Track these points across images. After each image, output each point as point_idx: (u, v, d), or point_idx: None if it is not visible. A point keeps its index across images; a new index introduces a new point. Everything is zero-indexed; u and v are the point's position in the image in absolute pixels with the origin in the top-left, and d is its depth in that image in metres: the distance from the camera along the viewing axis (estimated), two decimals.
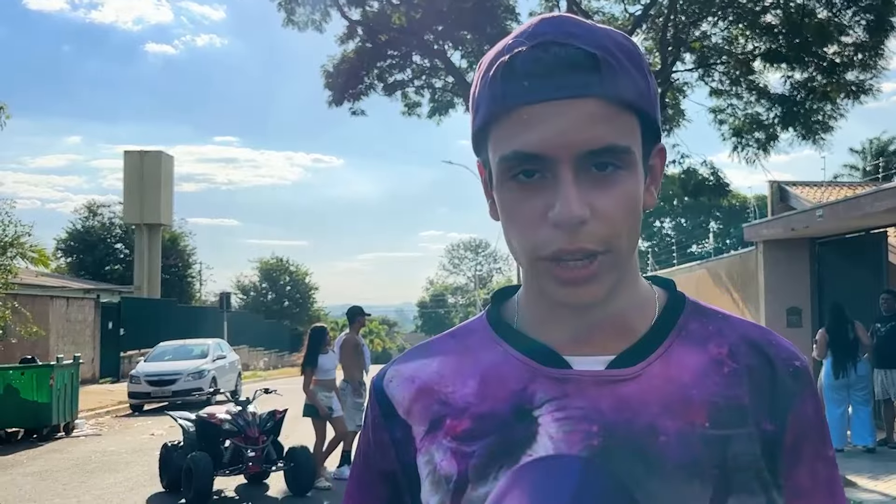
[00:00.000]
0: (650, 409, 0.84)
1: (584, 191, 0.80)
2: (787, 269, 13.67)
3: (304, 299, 58.78)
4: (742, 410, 0.86)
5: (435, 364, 0.94)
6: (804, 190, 17.12)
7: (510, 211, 0.85)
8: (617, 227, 0.82)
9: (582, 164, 0.80)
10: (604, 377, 0.86)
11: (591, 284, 0.83)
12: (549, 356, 0.88)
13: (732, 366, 0.88)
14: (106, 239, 43.67)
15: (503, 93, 0.82)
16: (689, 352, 0.88)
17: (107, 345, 25.72)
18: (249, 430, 8.11)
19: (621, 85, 0.82)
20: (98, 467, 10.27)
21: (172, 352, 20.09)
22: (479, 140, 0.90)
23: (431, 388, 0.92)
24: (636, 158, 0.84)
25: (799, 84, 14.73)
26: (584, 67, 0.80)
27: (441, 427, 0.90)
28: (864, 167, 35.10)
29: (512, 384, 0.88)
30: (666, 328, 0.90)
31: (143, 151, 37.15)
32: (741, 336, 0.91)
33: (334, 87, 17.96)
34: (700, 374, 0.87)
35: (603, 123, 0.80)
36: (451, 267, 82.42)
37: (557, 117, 0.80)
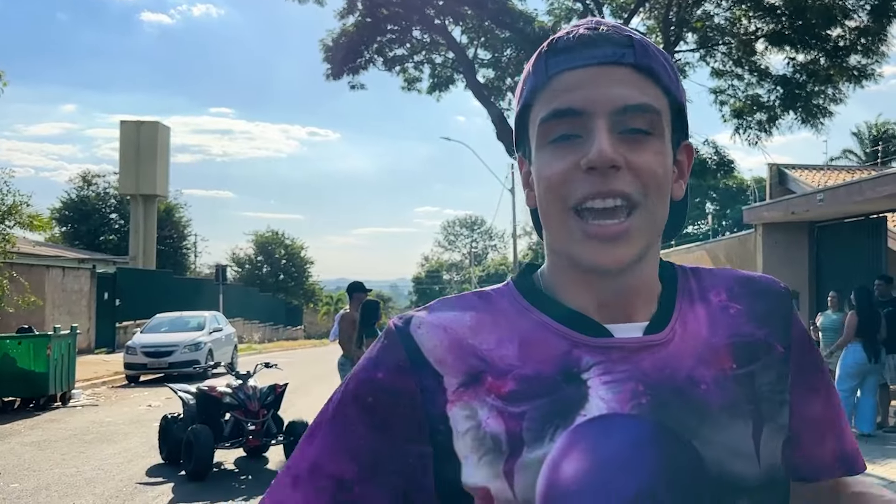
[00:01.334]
0: (686, 363, 0.90)
1: (616, 143, 0.85)
2: (786, 252, 13.71)
3: (299, 273, 58.76)
4: (756, 345, 0.95)
5: (468, 318, 0.93)
6: (803, 173, 17.13)
7: (545, 168, 0.89)
8: (650, 181, 0.86)
9: (616, 122, 0.86)
10: (644, 343, 0.90)
11: (622, 244, 0.86)
12: (588, 325, 0.91)
13: (736, 307, 0.97)
14: (101, 209, 43.52)
15: (545, 66, 0.90)
16: (698, 308, 0.96)
17: (102, 315, 25.71)
18: (250, 403, 8.15)
19: (654, 64, 0.89)
20: (96, 438, 10.30)
21: (169, 323, 20.09)
22: (521, 125, 0.95)
23: (467, 342, 0.91)
24: (665, 129, 0.89)
25: (801, 66, 14.69)
26: (621, 43, 0.89)
27: (482, 383, 0.88)
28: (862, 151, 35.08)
29: (554, 350, 0.90)
30: (674, 291, 0.97)
31: (140, 122, 36.91)
32: (730, 280, 1.00)
33: (333, 60, 17.84)
34: (713, 322, 0.95)
35: (636, 87, 0.87)
36: (447, 243, 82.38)
37: (593, 79, 0.87)
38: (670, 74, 0.92)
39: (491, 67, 18.33)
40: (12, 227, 15.73)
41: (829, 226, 13.42)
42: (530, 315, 0.93)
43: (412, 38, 18.39)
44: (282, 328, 47.01)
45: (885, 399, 10.37)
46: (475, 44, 18.03)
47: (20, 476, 8.01)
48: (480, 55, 18.22)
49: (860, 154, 35.11)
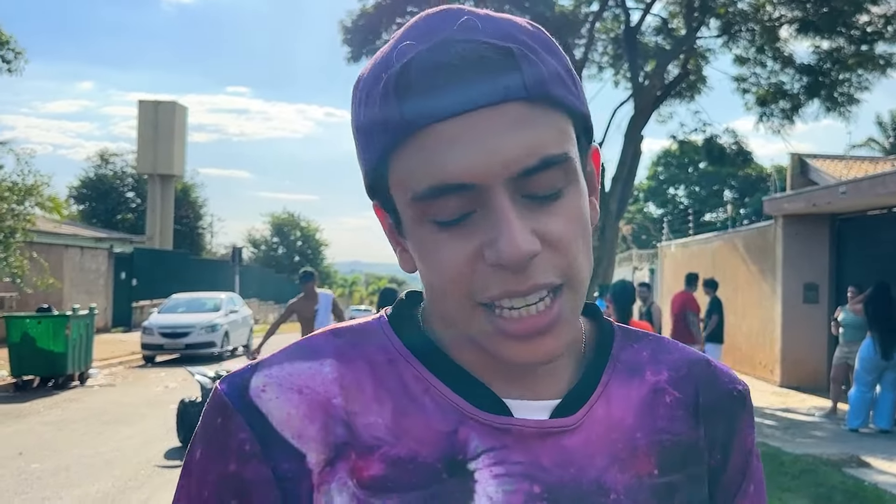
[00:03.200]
0: (596, 463, 0.72)
1: (526, 219, 0.65)
2: (806, 244, 13.58)
3: (314, 255, 58.97)
4: (689, 448, 0.77)
5: (327, 370, 0.72)
6: (825, 163, 16.94)
7: (432, 257, 0.67)
8: (573, 254, 0.67)
9: (518, 189, 0.65)
10: (548, 428, 0.71)
11: (551, 336, 0.67)
12: (484, 397, 0.72)
13: (675, 394, 0.78)
14: (118, 188, 43.72)
15: (401, 113, 0.65)
16: (627, 385, 0.77)
17: (119, 294, 25.90)
18: None
19: (547, 81, 0.66)
20: (114, 419, 10.39)
21: (185, 304, 20.19)
22: (373, 174, 0.71)
23: (330, 402, 0.70)
24: (576, 166, 0.68)
25: (826, 54, 14.51)
26: (500, 67, 0.64)
27: (345, 459, 0.69)
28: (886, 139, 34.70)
29: (438, 423, 0.70)
30: (601, 362, 0.77)
31: (158, 102, 37.00)
32: (678, 359, 0.81)
33: (352, 43, 17.79)
34: (642, 410, 0.76)
35: (533, 130, 0.64)
36: None
37: (477, 133, 0.63)
38: (569, 85, 0.68)
39: None
40: (33, 208, 15.84)
41: (852, 218, 13.27)
42: (409, 368, 0.72)
43: None
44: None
45: None
46: None
47: (40, 456, 8.08)
48: None
49: (884, 143, 34.73)
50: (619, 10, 16.18)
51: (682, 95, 16.77)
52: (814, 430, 10.20)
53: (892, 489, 6.96)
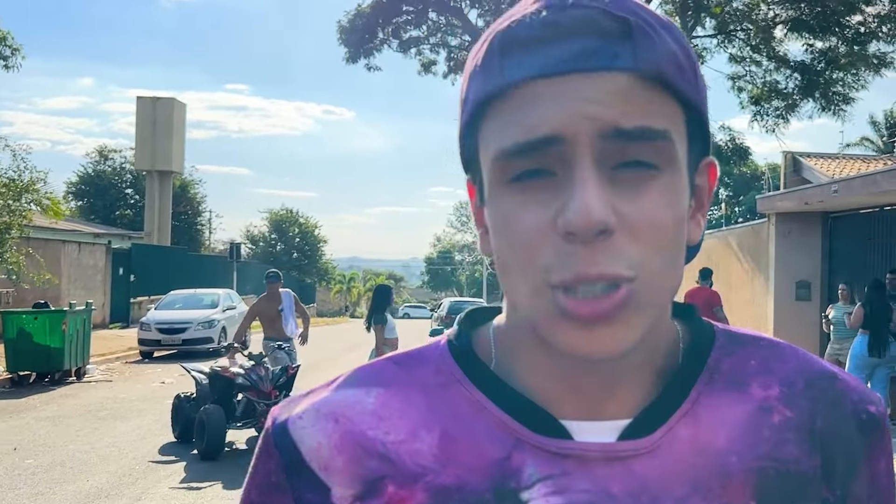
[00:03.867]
0: (675, 492, 0.63)
1: (608, 191, 0.58)
2: (799, 242, 13.67)
3: (312, 252, 59.00)
4: (799, 479, 0.65)
5: (371, 400, 0.68)
6: (818, 162, 17.02)
7: (507, 222, 0.61)
8: (652, 247, 0.59)
9: (607, 152, 0.58)
10: (615, 452, 0.64)
11: (614, 326, 0.58)
12: (540, 419, 0.65)
13: (786, 413, 0.67)
14: (117, 184, 43.76)
15: (500, 68, 0.61)
16: (724, 401, 0.67)
17: (117, 290, 25.97)
18: (262, 384, 8.25)
19: (663, 61, 0.60)
20: (110, 414, 10.46)
21: (183, 300, 20.26)
22: (468, 144, 0.67)
23: (365, 434, 0.66)
24: (677, 155, 0.61)
25: (820, 53, 14.58)
26: (613, 34, 0.59)
27: (380, 494, 0.65)
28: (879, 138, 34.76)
29: (489, 449, 0.65)
30: (692, 373, 0.67)
31: (156, 98, 37.07)
32: (795, 370, 0.69)
33: (350, 43, 17.86)
34: (741, 431, 0.66)
35: (636, 101, 0.59)
36: (459, 224, 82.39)
37: (575, 94, 0.58)
38: (687, 72, 0.62)
39: None
40: (29, 204, 15.90)
41: (844, 216, 13.36)
42: (462, 391, 0.67)
43: (428, 19, 18.36)
44: None
45: (895, 393, 10.38)
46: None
47: (35, 452, 8.16)
48: None
49: (877, 142, 34.79)
50: None
51: None
52: None
53: None
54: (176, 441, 8.62)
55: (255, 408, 8.24)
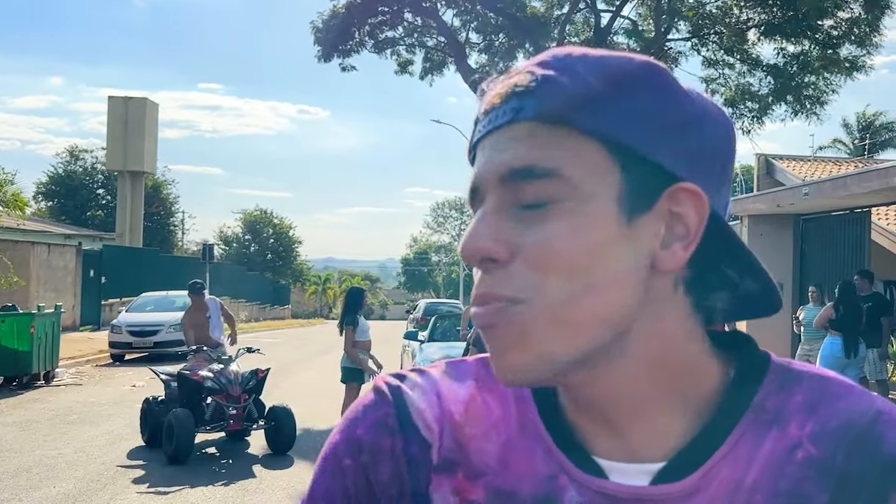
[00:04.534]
0: None
1: (506, 226, 0.63)
2: (771, 243, 13.78)
3: (287, 252, 58.70)
4: None
5: (462, 392, 0.74)
6: (790, 164, 17.19)
7: None
8: (547, 272, 0.61)
9: (507, 197, 0.63)
10: (648, 496, 0.64)
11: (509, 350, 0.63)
12: (579, 454, 0.68)
13: (809, 450, 0.65)
14: (88, 184, 43.27)
15: (473, 134, 0.70)
16: (763, 439, 0.66)
17: (88, 292, 25.63)
18: (231, 388, 8.18)
19: (564, 102, 0.63)
20: (79, 419, 10.30)
21: (155, 302, 20.04)
22: None
23: (454, 418, 0.73)
24: (580, 188, 0.62)
25: (792, 57, 14.73)
26: (523, 91, 0.64)
27: (451, 475, 0.71)
28: (851, 141, 35.21)
29: (539, 466, 0.69)
30: (736, 412, 0.66)
31: (128, 97, 36.65)
32: (837, 410, 0.66)
33: (324, 42, 17.74)
34: (769, 467, 0.65)
35: (532, 145, 0.63)
36: (436, 225, 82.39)
37: (488, 147, 0.66)
38: (606, 107, 0.63)
39: (483, 52, 18.27)
40: None
41: (815, 218, 13.50)
42: (526, 407, 0.72)
43: (403, 20, 18.29)
44: (269, 307, 46.96)
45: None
46: (467, 28, 17.95)
47: (0, 457, 8.00)
48: (472, 39, 18.15)
49: (849, 144, 35.25)
50: (590, 13, 16.30)
51: None
52: None
53: None
54: (145, 445, 8.50)
55: (224, 411, 8.16)
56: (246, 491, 6.92)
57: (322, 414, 10.99)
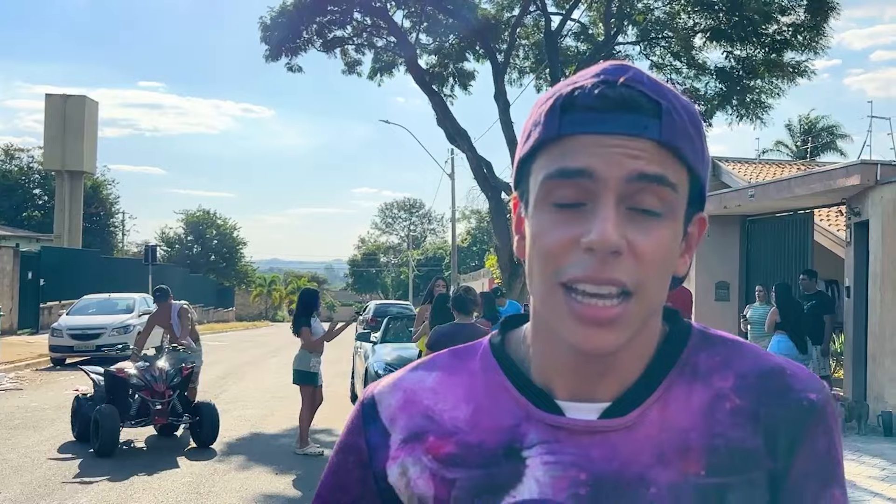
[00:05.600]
0: (641, 459, 0.81)
1: (622, 224, 0.77)
2: (719, 244, 14.05)
3: (231, 254, 57.80)
4: (745, 453, 0.81)
5: (430, 379, 0.92)
6: (736, 166, 17.56)
7: (542, 233, 0.80)
8: (651, 271, 0.78)
9: (627, 193, 0.78)
10: (594, 428, 0.82)
11: (611, 330, 0.78)
12: (542, 399, 0.85)
13: (736, 401, 0.83)
14: (24, 184, 42.03)
15: (559, 122, 0.80)
16: (690, 390, 0.84)
17: (26, 295, 24.86)
18: (156, 384, 8.49)
19: (679, 138, 0.79)
20: (22, 424, 9.98)
21: (96, 305, 19.54)
22: (522, 168, 0.86)
23: (420, 401, 0.90)
24: (679, 206, 0.81)
25: (738, 61, 15.04)
26: (647, 111, 0.78)
27: (422, 441, 0.88)
28: (794, 144, 36.13)
29: (505, 419, 0.86)
30: (666, 366, 0.85)
31: (66, 95, 35.63)
32: (750, 366, 0.85)
33: (271, 41, 17.52)
34: (701, 414, 0.83)
35: (655, 160, 0.78)
36: (384, 226, 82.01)
37: (611, 145, 0.78)
38: (697, 147, 0.81)
39: (433, 53, 18.26)
40: None
41: (760, 220, 13.80)
42: (496, 377, 0.89)
43: (353, 20, 18.17)
44: (213, 310, 46.20)
45: None
46: (417, 28, 17.91)
47: None
48: (423, 40, 18.13)
49: (791, 146, 36.17)
50: (540, 16, 16.42)
51: None
52: None
53: None
54: (75, 441, 8.66)
55: (150, 407, 8.51)
56: (199, 494, 6.80)
57: (273, 417, 10.84)
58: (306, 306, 8.77)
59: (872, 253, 10.09)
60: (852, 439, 9.15)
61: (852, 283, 10.77)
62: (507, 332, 0.94)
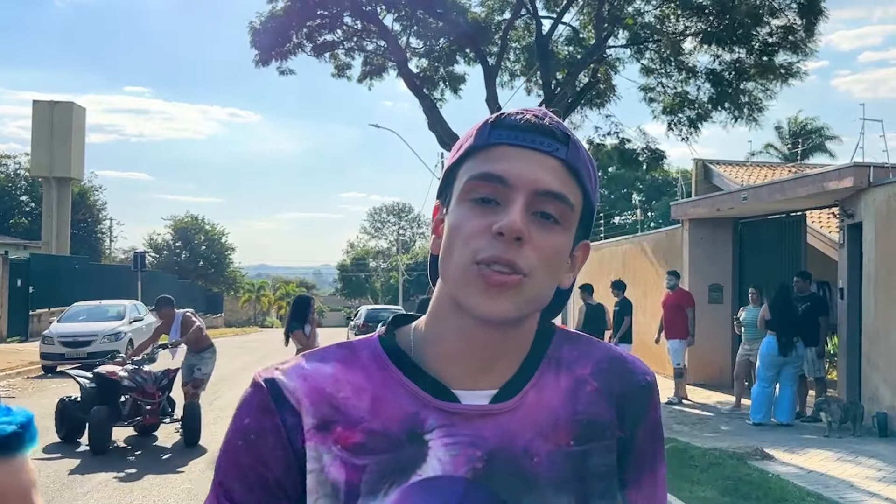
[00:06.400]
0: (525, 435, 0.97)
1: (527, 220, 0.93)
2: (711, 247, 14.10)
3: (219, 260, 57.57)
4: (601, 425, 1.01)
5: (328, 369, 0.99)
6: (727, 169, 17.64)
7: (460, 224, 0.95)
8: (543, 263, 0.94)
9: (533, 202, 0.94)
10: (487, 411, 0.97)
11: (507, 299, 0.92)
12: (438, 389, 0.97)
13: (594, 384, 1.03)
14: (11, 191, 41.77)
15: (489, 134, 0.98)
16: (558, 377, 1.02)
17: (15, 303, 24.66)
18: (147, 386, 8.95)
19: (580, 165, 0.98)
20: None
21: (87, 312, 19.41)
22: (448, 176, 1.01)
23: (324, 390, 0.97)
24: (573, 222, 0.98)
25: (728, 65, 15.08)
26: (559, 139, 0.97)
27: (330, 431, 0.95)
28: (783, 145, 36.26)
29: (405, 408, 0.97)
30: (538, 357, 1.02)
31: (53, 102, 35.39)
32: (602, 357, 1.06)
33: (261, 46, 17.44)
34: (567, 396, 1.01)
35: (561, 179, 0.96)
36: (373, 230, 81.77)
37: (527, 159, 0.95)
38: (591, 178, 1.01)
39: (424, 57, 18.24)
40: None
41: (752, 222, 13.85)
42: (387, 371, 0.99)
43: (343, 24, 18.13)
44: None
45: (802, 390, 10.80)
46: (408, 32, 17.89)
47: None
48: (413, 44, 18.10)
49: (781, 148, 36.30)
50: (531, 19, 16.44)
51: (592, 103, 17.14)
52: (720, 424, 10.59)
53: (794, 479, 7.28)
54: (62, 442, 9.00)
55: (140, 407, 8.93)
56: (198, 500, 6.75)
57: None
58: (297, 313, 9.01)
59: (866, 254, 10.14)
60: (848, 440, 9.18)
61: (846, 284, 10.81)
62: (394, 329, 1.05)
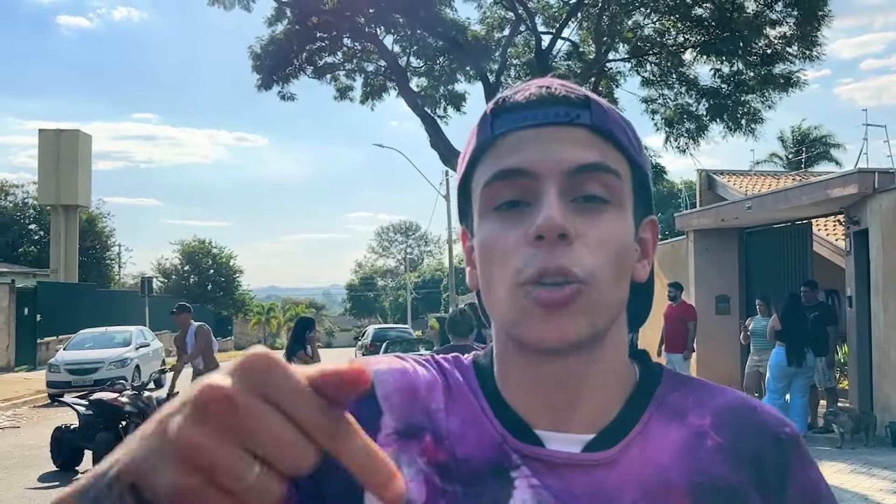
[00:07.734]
0: (626, 497, 0.77)
1: (569, 216, 0.74)
2: (717, 257, 14.01)
3: (228, 283, 57.64)
4: (730, 492, 0.78)
5: (428, 372, 0.86)
6: (731, 179, 17.56)
7: (490, 242, 0.78)
8: (602, 259, 0.75)
9: (569, 186, 0.76)
10: (578, 461, 0.78)
11: (567, 317, 0.74)
12: (520, 428, 0.81)
13: (717, 439, 0.81)
14: (19, 220, 41.96)
15: (490, 127, 0.80)
16: (668, 427, 0.81)
17: (22, 331, 24.70)
18: (150, 410, 8.74)
19: (611, 124, 0.79)
20: (18, 463, 9.84)
21: (93, 339, 19.42)
22: (463, 192, 0.85)
23: (418, 390, 0.83)
24: (625, 195, 0.79)
25: (728, 76, 15.05)
26: (575, 103, 0.79)
27: (419, 440, 0.80)
28: (785, 155, 36.21)
29: (489, 438, 0.81)
30: (643, 402, 0.83)
31: (60, 130, 35.67)
32: (723, 404, 0.84)
33: (262, 70, 17.52)
34: (680, 451, 0.80)
35: (592, 147, 0.77)
36: (381, 249, 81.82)
37: (544, 138, 0.77)
38: (631, 139, 0.81)
39: (424, 76, 18.27)
40: None
41: (758, 231, 13.76)
42: (476, 397, 0.84)
43: (343, 46, 18.20)
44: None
45: (813, 400, 10.67)
46: (408, 52, 17.94)
47: None
48: (413, 63, 18.14)
49: (784, 157, 36.22)
50: (530, 35, 16.46)
51: None
52: None
53: None
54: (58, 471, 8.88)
55: None
56: None
57: None
58: (298, 334, 9.07)
59: (873, 261, 10.04)
60: (860, 451, 9.04)
61: (854, 292, 10.70)
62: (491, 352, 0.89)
